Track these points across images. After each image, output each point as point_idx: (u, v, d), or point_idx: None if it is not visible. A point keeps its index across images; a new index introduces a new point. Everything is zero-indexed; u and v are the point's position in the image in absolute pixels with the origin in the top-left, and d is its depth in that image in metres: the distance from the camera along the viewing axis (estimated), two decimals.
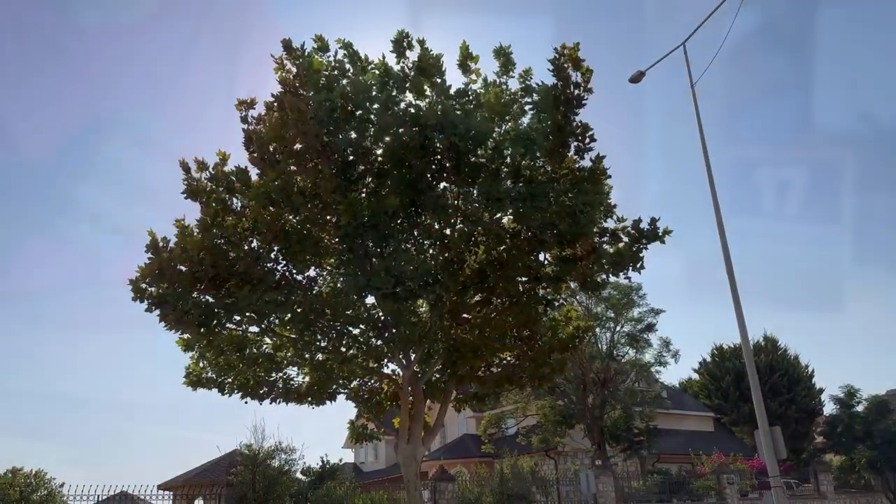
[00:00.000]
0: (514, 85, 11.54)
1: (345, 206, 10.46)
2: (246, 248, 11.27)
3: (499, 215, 11.86)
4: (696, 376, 40.68)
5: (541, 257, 12.41)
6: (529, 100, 11.27)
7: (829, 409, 33.48)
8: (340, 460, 28.10)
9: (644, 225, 12.08)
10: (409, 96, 11.16)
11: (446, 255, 12.01)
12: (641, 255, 12.25)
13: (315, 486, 17.63)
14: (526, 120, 11.48)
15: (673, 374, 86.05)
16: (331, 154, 10.89)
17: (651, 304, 26.90)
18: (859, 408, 31.39)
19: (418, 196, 11.44)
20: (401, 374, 13.40)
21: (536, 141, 11.03)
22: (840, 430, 31.14)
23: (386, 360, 13.67)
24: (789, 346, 41.87)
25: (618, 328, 27.15)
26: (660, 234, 12.00)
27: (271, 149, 11.03)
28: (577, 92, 11.01)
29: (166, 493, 18.44)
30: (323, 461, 19.34)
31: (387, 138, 11.01)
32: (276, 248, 11.39)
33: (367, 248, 11.61)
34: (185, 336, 12.35)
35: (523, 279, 12.44)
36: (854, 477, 31.18)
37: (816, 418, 34.83)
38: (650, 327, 26.53)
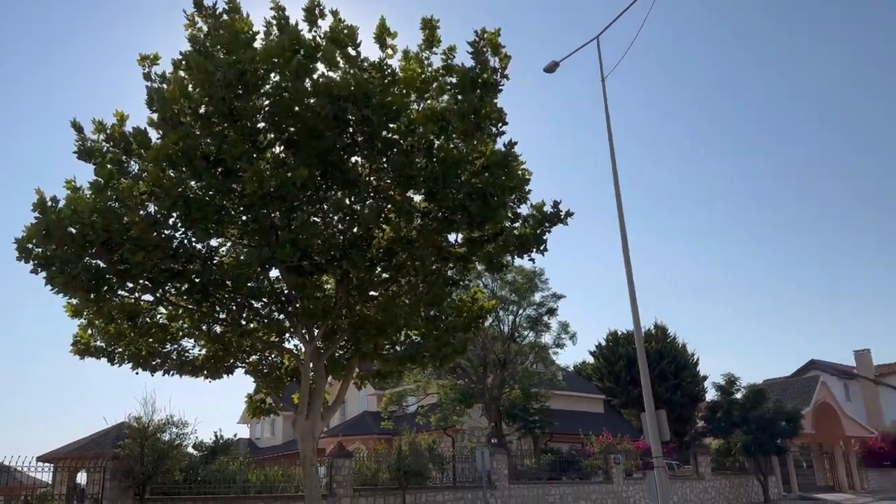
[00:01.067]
0: (437, 62, 11.43)
1: (250, 175, 10.08)
2: (142, 212, 10.69)
3: (410, 193, 11.78)
4: (591, 360, 42.22)
5: (450, 237, 12.47)
6: (449, 79, 11.21)
7: (711, 395, 35.51)
8: (235, 435, 27.55)
9: (548, 208, 12.38)
10: (322, 66, 10.85)
11: (355, 230, 11.85)
12: (545, 237, 12.56)
13: (207, 460, 17.15)
14: (444, 99, 11.41)
15: (569, 358, 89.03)
16: (238, 119, 10.47)
17: (553, 289, 27.68)
18: (738, 395, 33.41)
19: (329, 169, 11.20)
20: (302, 349, 13.19)
21: (452, 121, 11.02)
22: (720, 416, 33.09)
23: (288, 335, 13.41)
24: (678, 334, 44.11)
25: (520, 311, 27.77)
26: (562, 216, 12.32)
27: (175, 109, 10.47)
28: (494, 77, 11.10)
29: (46, 465, 17.50)
30: (216, 436, 18.84)
31: (298, 108, 10.68)
32: (174, 215, 10.87)
33: (273, 219, 11.28)
34: (74, 301, 11.66)
35: (432, 258, 12.46)
36: (730, 460, 33.25)
37: (699, 404, 36.88)
38: (551, 311, 27.29)
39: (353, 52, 10.83)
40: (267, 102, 10.71)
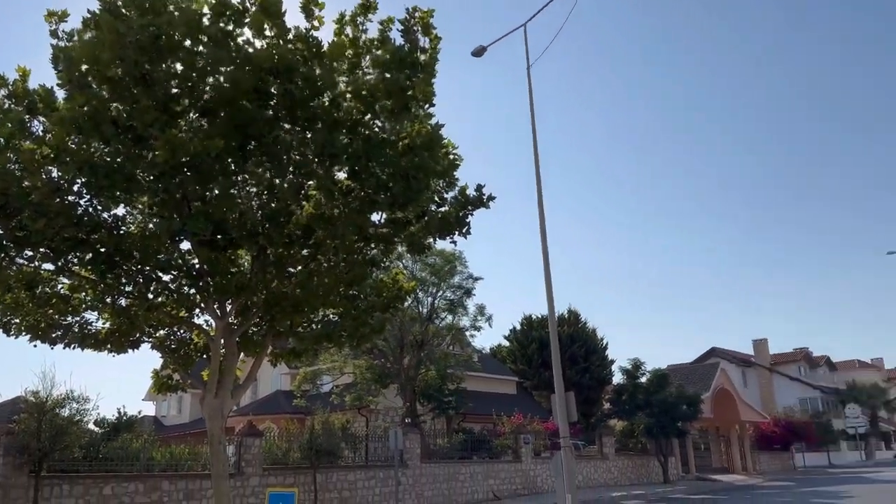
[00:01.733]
0: (374, 30, 11.17)
1: (162, 143, 9.62)
2: (44, 177, 10.08)
3: (333, 170, 11.57)
4: (506, 343, 42.97)
5: (373, 217, 12.34)
6: (381, 52, 10.98)
7: (617, 378, 36.79)
8: (140, 413, 26.62)
9: (471, 191, 12.42)
10: (248, 33, 10.44)
11: (273, 205, 11.55)
12: (468, 220, 12.59)
13: (109, 437, 16.53)
14: (373, 75, 11.21)
15: (486, 340, 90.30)
16: (151, 85, 9.97)
17: (471, 272, 27.94)
18: (643, 379, 34.76)
19: (248, 141, 10.83)
20: (213, 325, 12.81)
21: (379, 99, 10.86)
22: (625, 399, 34.36)
23: (198, 311, 13.00)
24: (589, 319, 45.37)
25: (439, 293, 27.92)
26: (485, 200, 12.39)
27: (83, 69, 9.87)
28: (423, 57, 10.97)
29: None
30: (120, 412, 18.17)
31: (216, 76, 10.26)
32: (80, 181, 10.29)
33: (186, 189, 10.83)
34: None
35: (353, 237, 12.31)
36: (633, 441, 34.65)
37: (606, 387, 38.17)
38: (468, 293, 27.56)
39: (279, 22, 10.47)
40: (181, 68, 10.23)
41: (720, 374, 43.44)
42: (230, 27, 10.21)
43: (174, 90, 10.42)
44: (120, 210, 11.51)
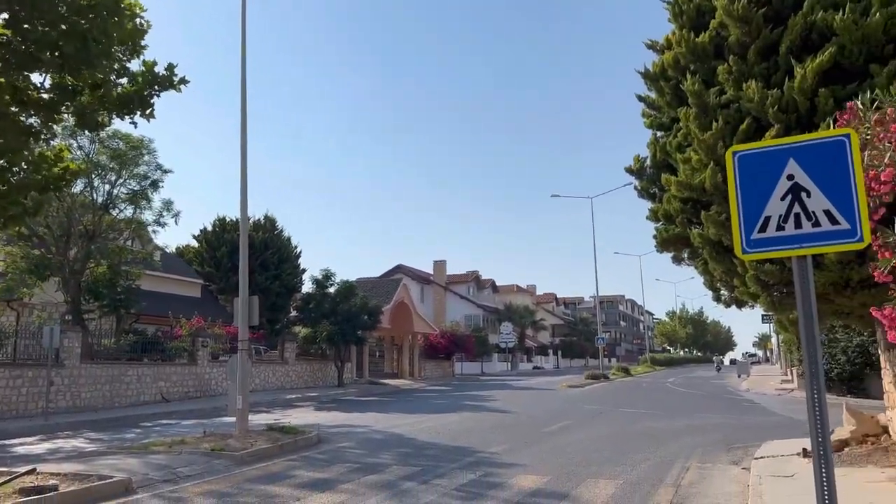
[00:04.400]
0: None
1: None
2: None
3: None
4: (195, 244, 40.86)
5: (34, 78, 10.54)
6: None
7: (307, 287, 37.39)
8: None
9: (160, 69, 11.22)
10: None
11: None
12: (152, 101, 11.41)
13: None
14: None
15: (171, 239, 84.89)
16: None
17: (160, 163, 25.70)
18: (332, 289, 35.80)
19: None
20: None
21: None
22: (312, 307, 35.14)
23: None
24: (285, 227, 45.14)
25: (119, 182, 25.24)
26: (175, 82, 11.31)
27: None
28: None
29: None
30: None
31: None
32: None
33: None
34: None
35: (6, 97, 10.37)
36: (315, 347, 35.77)
37: (295, 294, 38.59)
38: (155, 185, 25.37)
39: None
40: None
41: (402, 289, 46.61)
42: None
43: None
44: None
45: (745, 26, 9.50)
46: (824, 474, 3.52)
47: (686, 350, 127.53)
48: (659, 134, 12.20)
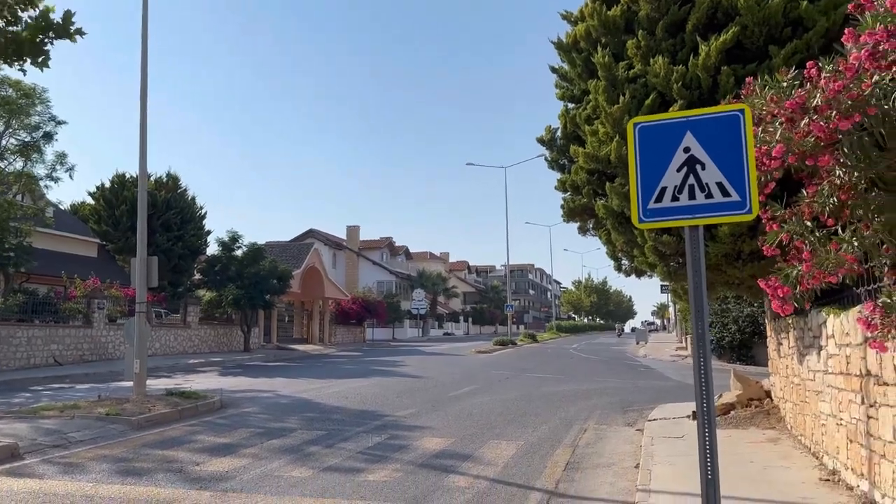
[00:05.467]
0: None
1: None
2: None
3: None
4: (91, 201, 38.74)
5: None
6: None
7: (213, 249, 36.22)
8: None
9: (55, 16, 10.43)
10: None
11: None
12: (46, 48, 10.60)
13: None
14: None
15: (66, 195, 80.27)
16: None
17: (54, 114, 24.09)
18: (239, 252, 34.83)
19: None
20: None
21: None
22: (217, 270, 34.12)
23: None
24: (190, 187, 43.40)
25: (8, 131, 23.53)
26: (71, 31, 10.54)
27: None
28: None
29: None
30: None
31: None
32: None
33: None
34: None
35: None
36: (220, 311, 34.83)
37: (200, 257, 37.32)
38: (48, 137, 23.81)
39: None
40: None
41: (313, 254, 45.94)
42: None
43: None
44: None
45: (655, 2, 9.71)
46: (707, 434, 3.71)
47: (590, 318, 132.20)
48: (570, 106, 12.38)
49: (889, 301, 4.67)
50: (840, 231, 5.32)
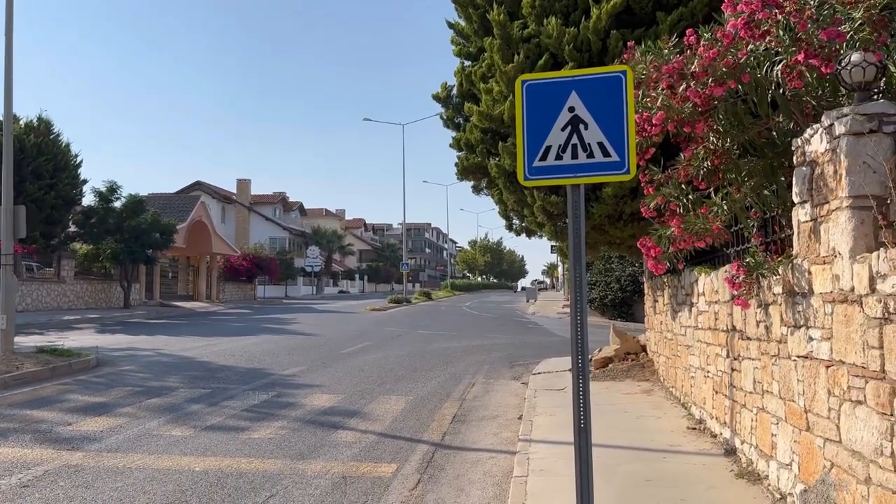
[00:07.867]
0: None
1: None
2: None
3: None
4: None
5: None
6: None
7: (89, 200, 34.02)
8: None
9: None
10: None
11: None
12: None
13: None
14: None
15: None
16: None
17: None
18: (118, 204, 32.91)
19: None
20: None
21: None
22: (94, 222, 32.16)
23: None
24: (64, 132, 40.33)
25: None
26: None
27: None
28: None
29: None
30: None
31: None
32: None
33: None
34: None
35: None
36: (98, 266, 32.94)
37: (75, 207, 35.02)
38: None
39: None
40: None
41: (199, 207, 44.09)
42: None
43: None
44: None
45: None
46: (581, 384, 3.86)
47: (483, 277, 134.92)
48: (466, 63, 12.35)
49: (752, 261, 5.00)
50: (713, 195, 5.62)
